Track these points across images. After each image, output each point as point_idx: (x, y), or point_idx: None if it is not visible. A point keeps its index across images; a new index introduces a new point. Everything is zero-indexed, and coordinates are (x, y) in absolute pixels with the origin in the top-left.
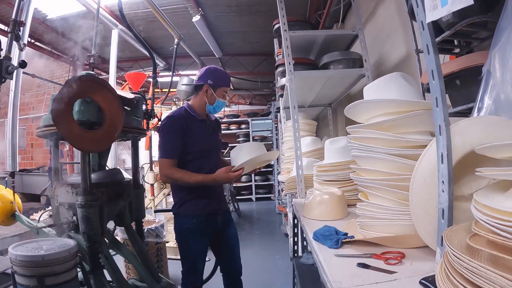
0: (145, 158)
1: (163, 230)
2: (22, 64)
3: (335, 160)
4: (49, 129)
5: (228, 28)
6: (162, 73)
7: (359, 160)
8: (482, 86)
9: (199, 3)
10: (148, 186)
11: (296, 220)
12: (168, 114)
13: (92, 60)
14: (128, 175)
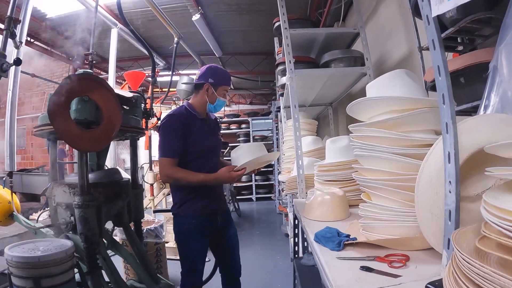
0: (145, 158)
1: (162, 230)
2: (17, 62)
3: (337, 160)
4: (46, 128)
5: (228, 27)
6: (162, 72)
7: (362, 160)
8: (488, 83)
9: (199, 1)
10: (147, 186)
11: (296, 220)
12: (168, 113)
13: (90, 59)
14: (127, 175)
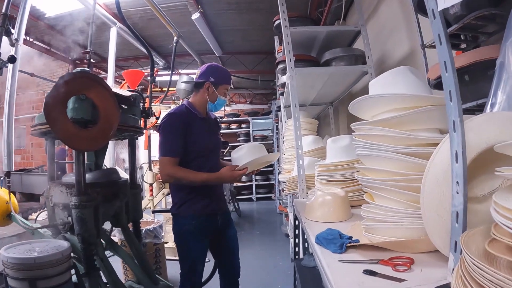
0: (145, 158)
1: (161, 230)
2: (12, 59)
3: (338, 160)
4: (44, 128)
5: (228, 26)
6: (161, 71)
7: (365, 159)
8: (495, 81)
9: (199, 0)
10: (146, 186)
11: (297, 221)
12: (168, 112)
13: (88, 57)
14: (127, 174)
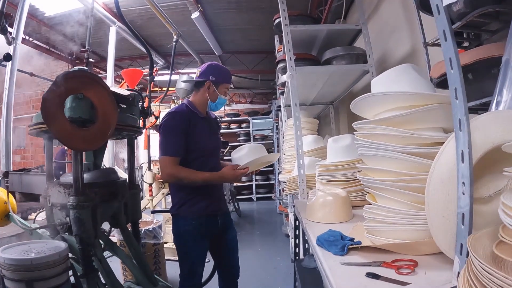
0: (144, 157)
1: (160, 231)
2: (7, 58)
3: (339, 159)
4: (41, 127)
5: (228, 25)
6: (161, 71)
7: (367, 159)
8: (500, 79)
9: None
10: (146, 186)
11: (297, 221)
12: (169, 111)
13: (86, 56)
14: (126, 174)
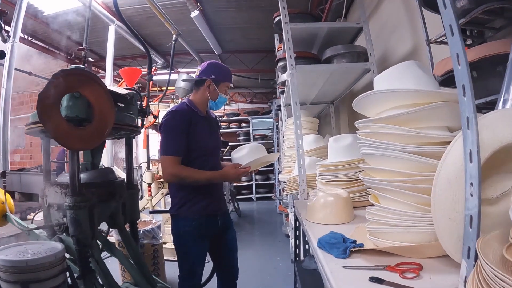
0: (145, 157)
1: (159, 231)
2: (1, 55)
3: (340, 159)
4: (38, 126)
5: (227, 24)
6: (160, 70)
7: (370, 159)
8: (507, 76)
9: None
10: (145, 185)
11: (297, 222)
12: (170, 109)
13: (84, 54)
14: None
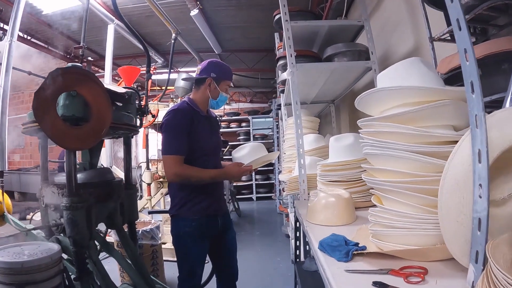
0: (143, 157)
1: (158, 232)
2: None
3: (341, 159)
4: (34, 125)
5: (227, 23)
6: (160, 70)
7: (373, 159)
8: None
9: None
10: (144, 185)
11: (298, 223)
12: (171, 108)
13: (81, 52)
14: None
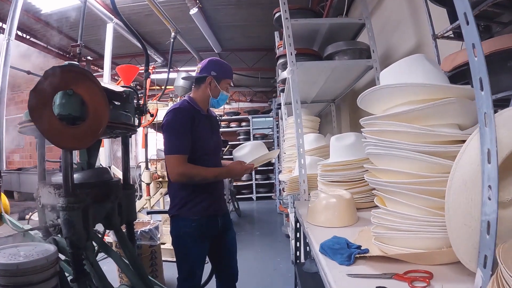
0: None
1: (157, 232)
2: None
3: (343, 159)
4: (30, 125)
5: (227, 21)
6: (159, 69)
7: (376, 159)
8: None
9: None
10: (143, 185)
11: (298, 223)
12: (172, 107)
13: (78, 50)
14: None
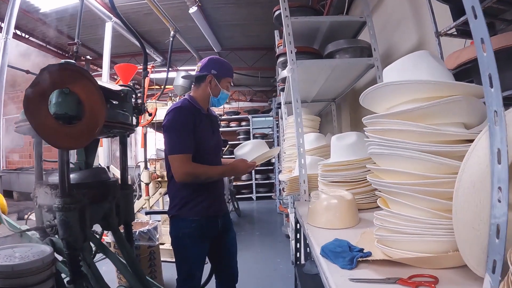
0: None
1: (156, 232)
2: None
3: (344, 159)
4: (26, 124)
5: (226, 20)
6: (159, 68)
7: (379, 159)
8: None
9: None
10: (143, 185)
11: (298, 224)
12: (173, 106)
13: (75, 49)
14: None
